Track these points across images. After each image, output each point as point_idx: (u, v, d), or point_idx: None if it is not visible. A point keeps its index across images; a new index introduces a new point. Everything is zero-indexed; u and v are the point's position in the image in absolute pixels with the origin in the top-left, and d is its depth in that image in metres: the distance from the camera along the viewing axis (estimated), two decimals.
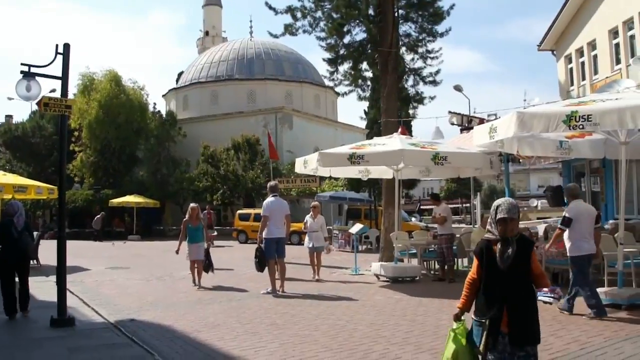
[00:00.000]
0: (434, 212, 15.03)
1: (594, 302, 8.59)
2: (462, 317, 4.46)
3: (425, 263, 15.26)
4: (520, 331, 4.14)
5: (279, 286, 11.85)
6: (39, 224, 46.38)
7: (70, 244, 10.15)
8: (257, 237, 12.16)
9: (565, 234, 9.20)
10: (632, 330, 7.60)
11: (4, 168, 42.69)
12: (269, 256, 11.77)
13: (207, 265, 13.23)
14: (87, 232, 40.57)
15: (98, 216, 36.63)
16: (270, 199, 12.06)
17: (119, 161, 43.06)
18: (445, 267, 13.72)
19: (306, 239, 14.92)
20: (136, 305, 10.66)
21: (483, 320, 4.20)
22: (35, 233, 20.99)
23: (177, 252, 13.24)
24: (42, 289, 12.49)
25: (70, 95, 27.71)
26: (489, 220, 4.33)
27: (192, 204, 13.90)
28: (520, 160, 16.55)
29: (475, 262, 4.43)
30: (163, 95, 57.93)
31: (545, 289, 4.22)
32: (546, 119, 8.23)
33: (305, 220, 15.28)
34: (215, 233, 28.73)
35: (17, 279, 9.59)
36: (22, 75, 9.07)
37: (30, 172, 44.14)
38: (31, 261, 16.39)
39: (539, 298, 4.22)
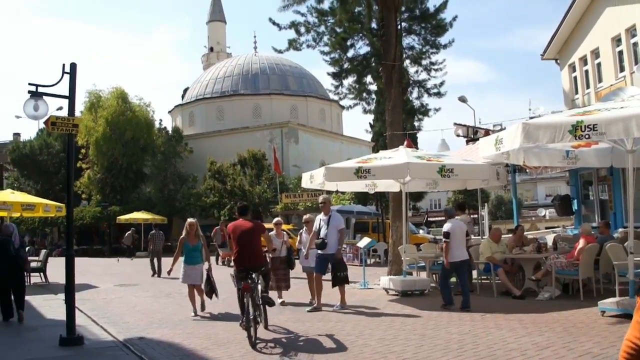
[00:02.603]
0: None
1: (445, 294, 11.09)
2: None
3: (434, 276, 15.19)
4: None
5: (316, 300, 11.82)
6: (47, 241, 46.58)
7: (79, 261, 10.21)
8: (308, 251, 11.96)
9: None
10: None
11: (13, 186, 43.02)
12: (319, 271, 11.49)
13: (209, 289, 11.22)
14: (95, 249, 40.68)
15: (129, 232, 36.37)
16: (320, 214, 11.75)
17: (126, 178, 43.28)
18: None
19: (301, 256, 12.88)
20: (145, 322, 10.65)
21: None
22: (43, 251, 21.35)
23: (169, 272, 11.50)
24: (50, 307, 12.52)
25: (77, 113, 27.88)
26: None
27: (190, 219, 12.05)
28: (527, 170, 16.57)
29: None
30: (169, 112, 58.25)
31: None
32: (552, 130, 8.23)
33: (301, 236, 13.20)
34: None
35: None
36: (29, 94, 9.12)
37: (38, 190, 44.44)
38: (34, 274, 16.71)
39: None
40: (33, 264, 18.83)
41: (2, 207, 17.91)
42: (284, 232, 13.07)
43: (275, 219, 13.50)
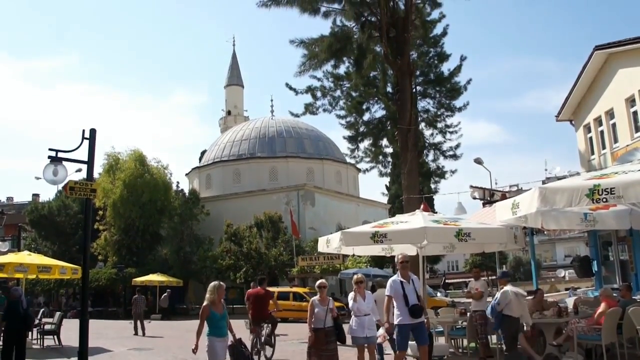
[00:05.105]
0: (470, 286, 14.58)
1: None
2: None
3: (452, 341, 14.90)
4: None
5: None
6: (62, 302, 46.48)
7: (93, 323, 10.17)
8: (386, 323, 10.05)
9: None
10: None
11: (30, 247, 43.20)
12: (401, 347, 9.87)
13: None
14: (110, 311, 40.54)
15: (165, 294, 36.48)
16: (395, 276, 10.31)
17: (142, 240, 43.30)
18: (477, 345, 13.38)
19: (352, 324, 10.59)
20: None
21: None
22: (57, 313, 21.31)
23: (194, 350, 8.84)
24: None
25: (96, 175, 27.96)
26: None
27: (217, 282, 9.45)
28: (545, 231, 16.43)
29: None
30: (186, 174, 58.70)
31: None
32: (569, 194, 8.20)
33: (353, 300, 10.81)
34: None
35: None
36: (49, 160, 9.25)
37: (55, 251, 44.64)
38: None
39: None
40: (47, 326, 18.78)
41: (19, 269, 18.00)
42: (330, 298, 10.83)
43: (319, 282, 11.07)
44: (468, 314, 14.17)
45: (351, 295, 10.93)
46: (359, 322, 10.42)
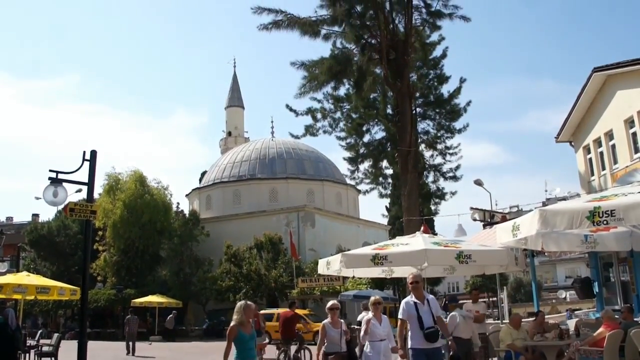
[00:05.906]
0: (467, 308, 14.42)
1: None
2: None
3: None
4: None
5: None
6: (60, 323, 46.27)
7: (91, 345, 10.09)
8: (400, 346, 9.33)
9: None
10: None
11: (29, 267, 43.11)
12: None
13: None
14: (108, 332, 40.32)
15: (171, 315, 36.30)
16: (408, 298, 9.40)
17: (141, 261, 43.17)
18: None
19: (367, 350, 9.68)
20: None
21: None
22: (56, 334, 21.21)
23: None
24: None
25: (96, 195, 27.91)
26: None
27: (245, 302, 8.27)
28: (546, 253, 16.40)
29: None
30: (186, 195, 58.64)
31: None
32: (569, 216, 8.20)
33: (364, 332, 9.78)
34: (267, 340, 20.06)
35: None
36: (49, 181, 9.26)
37: (53, 271, 44.50)
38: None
39: None
40: (45, 348, 18.64)
41: (18, 290, 17.86)
42: (342, 320, 10.15)
43: (330, 303, 10.19)
44: None
45: (367, 318, 9.92)
46: (375, 348, 9.64)
